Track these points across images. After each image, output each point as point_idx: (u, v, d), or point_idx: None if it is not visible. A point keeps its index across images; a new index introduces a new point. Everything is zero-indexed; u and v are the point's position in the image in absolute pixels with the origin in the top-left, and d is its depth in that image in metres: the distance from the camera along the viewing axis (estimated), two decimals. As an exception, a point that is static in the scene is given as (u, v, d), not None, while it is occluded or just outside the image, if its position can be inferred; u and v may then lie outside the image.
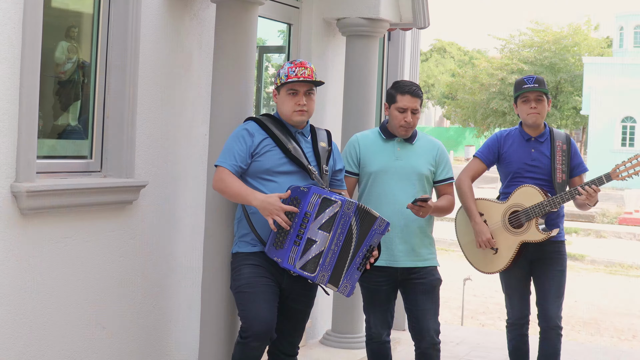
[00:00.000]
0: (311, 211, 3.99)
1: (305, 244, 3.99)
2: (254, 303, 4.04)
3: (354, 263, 4.10)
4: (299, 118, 4.22)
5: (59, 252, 4.08)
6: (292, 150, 4.16)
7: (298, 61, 4.25)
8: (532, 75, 5.09)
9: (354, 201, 4.08)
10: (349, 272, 4.09)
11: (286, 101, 4.22)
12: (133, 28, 4.45)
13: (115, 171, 4.47)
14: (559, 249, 5.04)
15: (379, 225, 4.13)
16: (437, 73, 54.42)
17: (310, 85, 4.22)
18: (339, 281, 4.08)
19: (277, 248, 4.03)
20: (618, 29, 39.97)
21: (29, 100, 3.81)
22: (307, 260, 4.00)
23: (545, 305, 4.99)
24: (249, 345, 4.00)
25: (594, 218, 22.50)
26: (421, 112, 4.75)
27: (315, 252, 4.00)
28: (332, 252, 4.03)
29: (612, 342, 9.82)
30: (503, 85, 39.08)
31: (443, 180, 4.72)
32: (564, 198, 4.84)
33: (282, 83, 4.20)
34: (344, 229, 4.04)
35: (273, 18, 5.94)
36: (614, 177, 4.89)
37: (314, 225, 3.99)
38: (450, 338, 7.12)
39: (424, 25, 6.33)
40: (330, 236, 4.01)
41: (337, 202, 4.00)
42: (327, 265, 4.02)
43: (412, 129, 4.64)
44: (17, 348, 3.89)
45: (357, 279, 4.15)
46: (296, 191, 4.04)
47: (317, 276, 4.02)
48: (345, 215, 4.03)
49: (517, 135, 5.10)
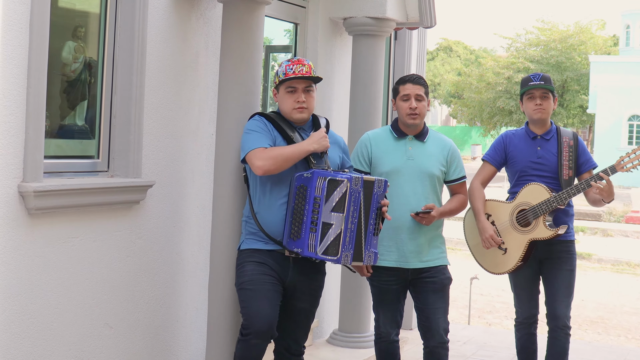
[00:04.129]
0: (320, 195, 3.98)
1: (322, 228, 3.98)
2: (255, 300, 4.05)
3: (369, 231, 4.10)
4: (299, 115, 4.22)
5: (66, 252, 4.09)
6: (295, 139, 4.17)
7: (295, 58, 4.26)
8: (538, 72, 5.08)
9: (360, 176, 4.08)
10: (368, 241, 4.09)
11: (285, 99, 4.22)
12: (140, 28, 4.45)
13: (122, 171, 4.48)
14: (569, 249, 5.02)
15: (379, 187, 4.13)
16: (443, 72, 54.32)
17: (308, 82, 4.22)
18: (362, 255, 4.08)
19: (294, 239, 4.03)
20: (624, 27, 39.85)
21: (36, 100, 3.81)
22: (327, 245, 3.99)
23: (554, 304, 4.98)
24: (250, 343, 4.01)
25: (601, 217, 22.43)
26: (429, 107, 4.73)
27: (334, 235, 3.99)
28: (350, 230, 4.02)
29: (619, 340, 9.79)
30: (509, 84, 38.98)
31: (455, 180, 4.73)
32: (570, 193, 4.82)
33: (280, 81, 4.21)
34: (356, 206, 4.03)
35: (279, 17, 5.94)
36: (619, 169, 4.86)
37: (325, 208, 3.98)
38: (457, 337, 7.11)
39: (430, 25, 6.33)
40: (344, 216, 4.00)
41: (343, 181, 4.00)
42: (348, 245, 4.02)
43: (421, 118, 4.63)
44: (24, 347, 3.90)
45: (376, 244, 4.16)
46: (300, 179, 4.04)
47: (341, 257, 4.01)
48: (354, 192, 4.02)
49: (523, 134, 5.10)
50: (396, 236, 4.54)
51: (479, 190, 5.08)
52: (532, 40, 40.70)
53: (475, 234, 5.12)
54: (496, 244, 4.94)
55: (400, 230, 4.55)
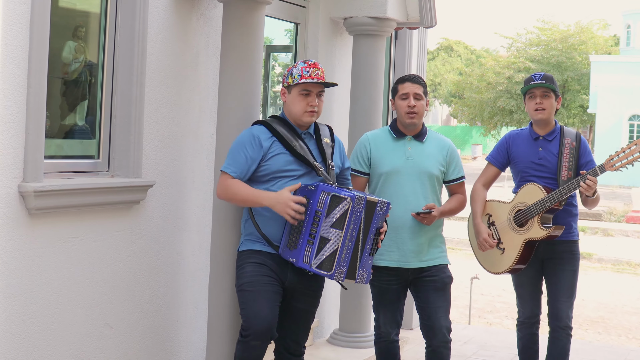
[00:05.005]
0: (321, 209, 3.97)
1: (319, 242, 3.98)
2: (254, 302, 4.05)
3: (365, 251, 4.10)
4: (309, 119, 4.21)
5: (66, 252, 4.09)
6: (297, 148, 4.15)
7: (311, 61, 4.23)
8: (540, 72, 5.07)
9: (363, 195, 4.07)
10: (363, 261, 4.09)
11: (298, 101, 4.20)
12: (140, 28, 4.45)
13: (122, 171, 4.48)
14: (572, 249, 5.01)
15: (380, 208, 4.12)
16: (444, 72, 54.32)
17: (322, 87, 4.22)
18: (355, 273, 4.08)
19: (290, 249, 4.03)
20: (625, 27, 39.84)
21: (37, 100, 3.81)
22: (322, 259, 3.98)
23: (556, 304, 4.98)
24: (249, 344, 4.01)
25: (601, 216, 22.41)
26: (427, 107, 4.74)
27: (330, 251, 3.98)
28: (347, 248, 4.02)
29: (620, 340, 9.78)
30: (510, 83, 38.98)
31: (454, 180, 4.75)
32: (563, 192, 4.81)
33: (295, 83, 4.18)
34: (356, 225, 4.03)
35: (280, 17, 5.94)
36: (608, 168, 4.83)
37: (325, 223, 3.98)
38: (457, 337, 7.10)
39: (431, 24, 6.32)
40: (343, 233, 3.99)
41: (346, 199, 3.98)
42: (342, 262, 4.02)
43: (419, 118, 4.64)
44: (24, 348, 3.90)
45: (371, 264, 4.16)
46: (304, 190, 4.04)
47: (335, 274, 4.01)
48: (356, 211, 4.01)
49: (526, 134, 5.09)
50: (397, 236, 4.55)
51: (480, 193, 5.09)
52: (533, 40, 40.71)
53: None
54: (490, 246, 4.94)
55: (401, 230, 4.56)
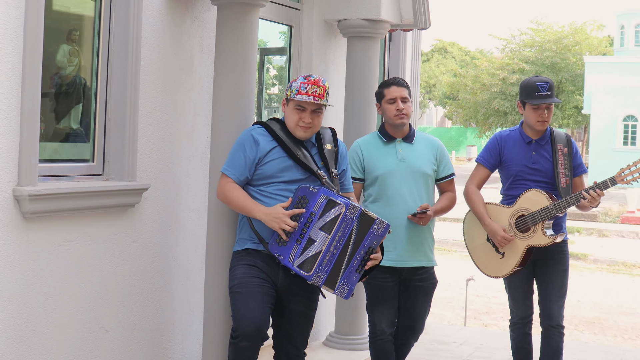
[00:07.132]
0: (316, 211, 3.99)
1: (306, 242, 4.00)
2: (244, 303, 4.04)
3: (352, 265, 4.08)
4: (302, 134, 4.20)
5: (61, 255, 4.08)
6: (301, 157, 4.15)
7: (312, 78, 4.19)
8: (545, 80, 4.91)
9: (359, 206, 4.06)
10: (346, 274, 4.07)
11: (292, 115, 4.20)
12: (134, 31, 4.45)
13: (117, 174, 4.47)
14: (562, 249, 5.02)
15: (378, 227, 4.08)
16: (438, 73, 54.33)
17: (318, 105, 4.21)
18: (336, 283, 4.06)
19: (279, 244, 4.04)
20: (619, 27, 39.89)
21: (31, 103, 3.81)
22: (304, 259, 4.00)
23: (548, 304, 4.99)
24: (239, 345, 4.00)
25: (597, 217, 22.46)
26: (414, 109, 4.80)
27: (313, 252, 3.99)
28: (331, 254, 4.01)
29: (615, 341, 9.80)
30: (504, 85, 39.01)
31: (444, 177, 4.84)
32: (569, 202, 4.82)
33: (291, 97, 4.19)
34: (344, 233, 4.02)
35: (274, 20, 5.94)
36: (619, 181, 4.85)
37: (316, 225, 3.99)
38: (453, 339, 7.11)
39: (424, 26, 6.33)
40: (330, 237, 3.99)
41: (340, 204, 3.99)
42: (324, 267, 4.01)
43: (408, 118, 4.72)
44: (20, 351, 3.89)
45: (356, 281, 4.12)
46: (305, 190, 4.05)
47: (313, 276, 4.00)
48: (347, 219, 4.01)
49: (517, 137, 5.04)
50: (394, 235, 4.58)
51: (477, 194, 5.07)
52: (527, 41, 40.74)
53: (474, 236, 5.11)
54: (509, 241, 4.91)
55: (399, 229, 4.60)
